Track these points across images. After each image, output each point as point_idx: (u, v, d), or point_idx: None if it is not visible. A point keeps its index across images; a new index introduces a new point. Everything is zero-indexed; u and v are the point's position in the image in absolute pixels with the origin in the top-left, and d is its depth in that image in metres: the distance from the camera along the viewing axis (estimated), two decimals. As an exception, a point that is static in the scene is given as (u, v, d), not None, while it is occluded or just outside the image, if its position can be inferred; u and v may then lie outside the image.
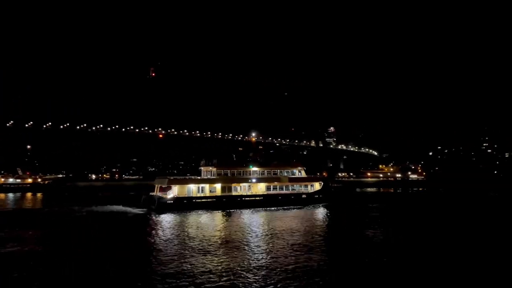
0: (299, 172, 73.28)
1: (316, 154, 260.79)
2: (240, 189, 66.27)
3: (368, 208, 65.31)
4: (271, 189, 68.60)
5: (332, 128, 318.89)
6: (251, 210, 60.17)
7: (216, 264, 26.40)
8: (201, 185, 64.08)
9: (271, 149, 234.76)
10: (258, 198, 66.23)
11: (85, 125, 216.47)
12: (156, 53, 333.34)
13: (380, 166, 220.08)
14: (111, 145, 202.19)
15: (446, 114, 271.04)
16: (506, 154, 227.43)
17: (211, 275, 23.93)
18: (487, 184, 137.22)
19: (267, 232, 39.56)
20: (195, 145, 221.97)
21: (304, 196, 70.21)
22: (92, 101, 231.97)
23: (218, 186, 64.67)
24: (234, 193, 65.48)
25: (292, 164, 75.99)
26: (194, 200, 61.90)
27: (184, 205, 60.27)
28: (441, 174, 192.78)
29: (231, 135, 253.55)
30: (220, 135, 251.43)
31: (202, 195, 63.22)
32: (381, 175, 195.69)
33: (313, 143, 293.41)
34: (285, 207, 64.47)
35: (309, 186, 72.29)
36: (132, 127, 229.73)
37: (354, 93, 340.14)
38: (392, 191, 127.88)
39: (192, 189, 63.18)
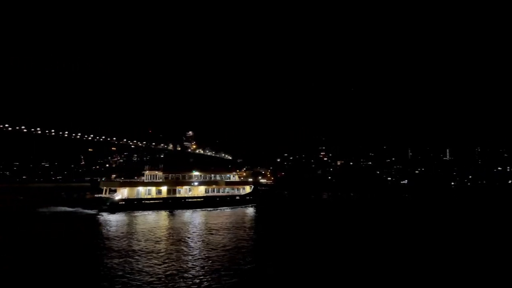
0: (234, 177, 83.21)
1: (173, 158, 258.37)
2: (184, 191, 73.47)
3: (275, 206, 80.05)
4: (210, 191, 76.53)
5: (191, 132, 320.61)
6: (192, 210, 67.36)
7: (160, 261, 29.41)
8: (148, 188, 70.23)
9: (126, 151, 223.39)
10: (199, 199, 73.78)
11: None
12: None
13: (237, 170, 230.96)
14: None
15: (291, 123, 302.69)
16: (339, 162, 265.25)
17: (156, 271, 26.42)
18: (323, 187, 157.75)
19: (205, 230, 45.78)
20: (36, 143, 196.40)
21: (237, 197, 79.55)
22: None
23: (164, 188, 71.42)
24: (178, 195, 72.44)
25: (228, 170, 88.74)
26: (143, 201, 67.69)
27: (134, 206, 65.71)
28: (286, 179, 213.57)
29: (79, 134, 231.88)
30: (67, 133, 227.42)
31: (149, 196, 69.25)
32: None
33: (171, 146, 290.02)
34: (222, 208, 72.93)
35: (241, 189, 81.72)
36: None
37: (212, 99, 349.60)
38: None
39: (141, 191, 69.13)
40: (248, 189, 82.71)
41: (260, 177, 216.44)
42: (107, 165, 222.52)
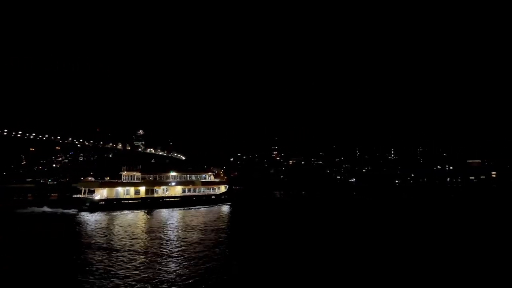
0: (209, 177, 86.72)
1: (123, 157, 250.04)
2: (161, 191, 76.45)
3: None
4: (186, 191, 79.81)
5: (141, 131, 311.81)
6: (170, 210, 69.85)
7: (139, 257, 31.05)
8: (126, 188, 72.54)
9: (71, 150, 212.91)
10: (176, 199, 76.87)
11: None
12: None
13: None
14: None
15: (244, 122, 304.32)
16: (291, 161, 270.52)
17: (137, 268, 27.68)
18: (275, 186, 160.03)
19: (182, 227, 47.87)
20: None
21: (213, 197, 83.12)
22: None
23: (142, 188, 74.23)
24: (156, 195, 75.43)
25: (204, 170, 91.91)
26: (122, 201, 70.11)
27: (113, 206, 68.13)
28: (239, 178, 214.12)
29: (20, 132, 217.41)
30: (6, 131, 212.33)
31: (128, 196, 71.70)
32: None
33: (120, 146, 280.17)
34: (198, 206, 76.01)
35: (216, 189, 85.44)
36: None
37: (163, 97, 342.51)
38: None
39: (120, 191, 71.49)
40: (223, 188, 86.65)
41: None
42: (54, 165, 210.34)
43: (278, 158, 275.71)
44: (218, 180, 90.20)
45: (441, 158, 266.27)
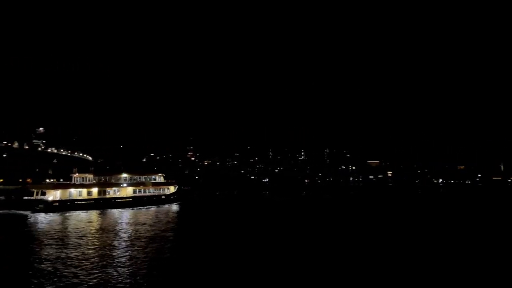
0: (159, 178, 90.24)
1: (19, 158, 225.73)
2: (113, 192, 79.04)
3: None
4: (137, 192, 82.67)
5: (41, 129, 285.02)
6: (122, 210, 72.12)
7: (90, 256, 31.41)
8: (79, 189, 75.03)
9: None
10: (127, 199, 79.18)
11: None
12: None
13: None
14: None
15: (158, 122, 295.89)
16: (206, 161, 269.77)
17: (86, 267, 27.89)
18: (190, 187, 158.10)
19: (133, 226, 49.26)
20: None
21: (163, 197, 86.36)
22: None
23: (94, 190, 76.56)
24: (108, 196, 77.85)
25: (154, 172, 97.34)
26: (75, 202, 72.31)
27: (67, 206, 70.29)
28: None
29: None
30: None
31: (81, 197, 74.10)
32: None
33: (16, 145, 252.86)
34: (149, 206, 79.02)
35: (166, 189, 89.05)
36: None
37: (67, 92, 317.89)
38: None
39: (73, 192, 73.87)
40: (172, 189, 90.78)
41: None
42: None
43: (193, 159, 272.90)
44: (168, 181, 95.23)
45: (345, 159, 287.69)
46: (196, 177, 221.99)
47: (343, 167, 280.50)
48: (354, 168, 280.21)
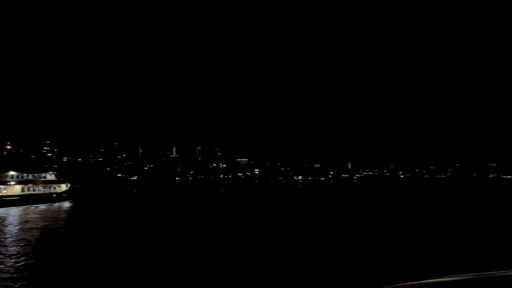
0: (50, 176, 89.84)
1: None
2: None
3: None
4: (26, 190, 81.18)
5: None
6: (8, 208, 70.56)
7: None
8: None
9: None
10: (15, 197, 77.38)
11: None
12: None
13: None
14: None
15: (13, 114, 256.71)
16: (65, 158, 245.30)
17: None
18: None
19: (18, 225, 47.24)
20: None
21: (54, 195, 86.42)
22: None
23: None
24: None
25: (45, 170, 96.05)
26: None
27: None
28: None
29: None
30: None
31: None
32: None
33: None
34: (39, 205, 77.63)
35: (57, 187, 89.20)
36: None
37: None
38: None
39: None
40: (64, 187, 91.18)
41: None
42: None
43: (49, 155, 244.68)
44: (59, 179, 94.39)
45: (217, 157, 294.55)
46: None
47: (214, 164, 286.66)
48: (224, 165, 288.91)
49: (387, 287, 2.83)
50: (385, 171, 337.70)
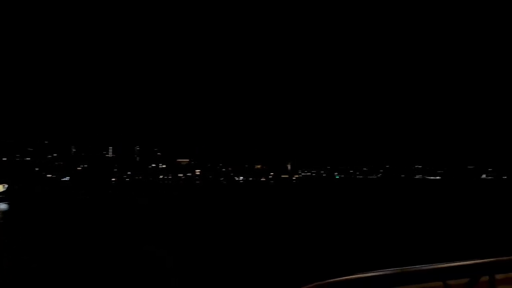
0: None
1: None
2: None
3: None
4: None
5: None
6: None
7: None
8: None
9: None
10: None
11: None
12: None
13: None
14: None
15: None
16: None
17: None
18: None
19: None
20: None
21: None
22: None
23: None
24: None
25: None
26: None
27: None
28: None
29: None
30: None
31: None
32: None
33: None
34: None
35: None
36: None
37: None
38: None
39: None
40: (1, 188, 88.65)
41: None
42: None
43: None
44: None
45: (156, 157, 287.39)
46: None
47: (153, 165, 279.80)
48: (164, 166, 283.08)
49: (319, 283, 2.91)
50: (322, 171, 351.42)
